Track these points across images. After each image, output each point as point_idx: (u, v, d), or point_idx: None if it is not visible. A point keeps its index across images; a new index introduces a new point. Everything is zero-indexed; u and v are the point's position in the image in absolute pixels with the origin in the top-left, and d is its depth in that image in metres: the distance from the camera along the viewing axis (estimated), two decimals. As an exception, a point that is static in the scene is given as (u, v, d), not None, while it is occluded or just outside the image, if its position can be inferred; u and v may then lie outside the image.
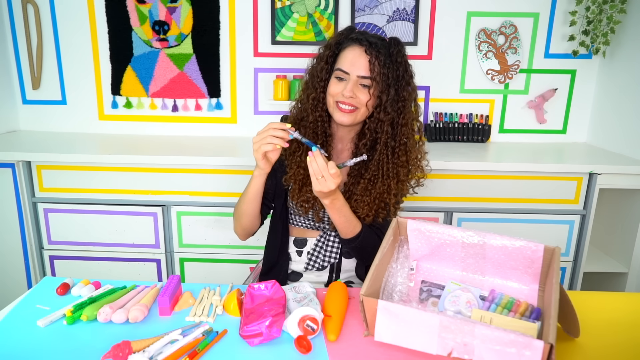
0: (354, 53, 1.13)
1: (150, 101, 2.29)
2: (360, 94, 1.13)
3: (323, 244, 1.28)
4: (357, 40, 1.13)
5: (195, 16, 2.19)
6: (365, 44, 1.12)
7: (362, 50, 1.12)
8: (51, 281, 1.07)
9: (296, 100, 1.25)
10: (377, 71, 1.11)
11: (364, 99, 1.13)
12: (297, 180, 1.20)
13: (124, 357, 0.80)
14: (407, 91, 1.14)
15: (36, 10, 2.18)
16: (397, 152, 1.16)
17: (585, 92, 2.28)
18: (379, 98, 1.13)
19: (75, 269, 2.00)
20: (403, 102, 1.14)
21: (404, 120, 1.15)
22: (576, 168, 1.88)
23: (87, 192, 1.93)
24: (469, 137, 2.27)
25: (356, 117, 1.16)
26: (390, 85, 1.12)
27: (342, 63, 1.14)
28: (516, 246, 0.93)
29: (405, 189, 1.22)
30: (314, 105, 1.18)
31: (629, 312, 1.02)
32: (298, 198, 1.20)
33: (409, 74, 1.15)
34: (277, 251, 1.30)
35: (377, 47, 1.12)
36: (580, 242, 1.95)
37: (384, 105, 1.13)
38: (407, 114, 1.15)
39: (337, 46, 1.17)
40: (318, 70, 1.17)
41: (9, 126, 2.28)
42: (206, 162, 1.88)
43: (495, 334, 0.75)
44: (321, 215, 1.24)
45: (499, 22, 2.20)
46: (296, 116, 1.23)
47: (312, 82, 1.18)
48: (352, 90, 1.12)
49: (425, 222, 1.00)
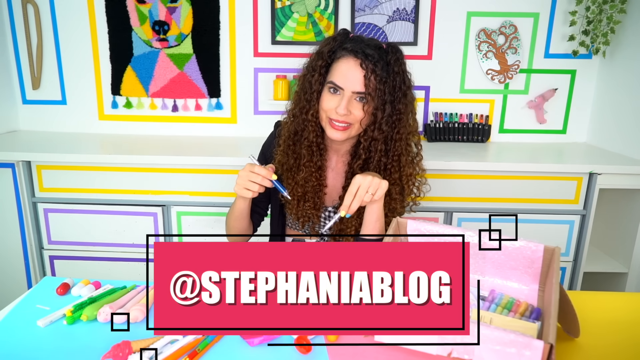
0: (348, 66, 1.06)
1: (150, 101, 2.29)
2: (355, 109, 1.08)
3: None
4: (352, 52, 1.07)
5: (195, 16, 2.19)
6: (360, 57, 1.05)
7: (357, 64, 1.05)
8: (51, 281, 1.07)
9: (289, 111, 1.20)
10: (372, 87, 1.05)
11: (359, 115, 1.08)
12: (295, 195, 1.17)
13: (124, 357, 0.80)
14: (403, 103, 1.08)
15: (36, 10, 2.18)
16: (389, 169, 1.12)
17: (585, 92, 2.27)
18: (374, 115, 1.08)
19: (75, 269, 1.99)
20: (398, 115, 1.08)
21: (399, 135, 1.10)
22: (576, 168, 1.88)
23: (87, 192, 1.93)
24: (469, 137, 2.27)
25: (350, 133, 1.11)
26: (386, 101, 1.06)
27: (335, 76, 1.08)
28: (516, 246, 0.93)
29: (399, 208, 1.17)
30: (306, 121, 1.13)
31: (629, 312, 1.02)
32: (296, 212, 1.19)
33: (406, 85, 1.09)
34: None
35: (374, 59, 1.05)
36: (580, 242, 1.95)
37: (378, 122, 1.07)
38: (402, 128, 1.10)
39: (330, 55, 1.10)
40: (311, 82, 1.11)
41: (9, 126, 2.28)
42: (206, 162, 1.88)
43: (495, 334, 0.75)
44: (317, 229, 1.22)
45: (499, 22, 2.20)
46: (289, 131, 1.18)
47: (305, 95, 1.12)
48: (347, 108, 1.06)
49: (425, 222, 1.00)
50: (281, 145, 1.19)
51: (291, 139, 1.17)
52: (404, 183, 1.14)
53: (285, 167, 1.19)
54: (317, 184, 1.17)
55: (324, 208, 1.22)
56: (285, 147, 1.18)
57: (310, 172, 1.15)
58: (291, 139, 1.17)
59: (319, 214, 1.21)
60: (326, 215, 1.24)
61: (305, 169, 1.15)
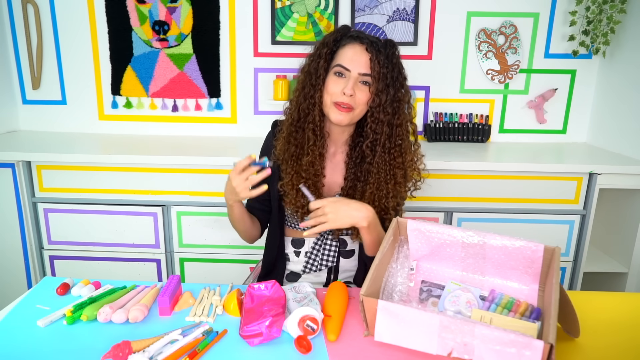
0: (355, 50, 1.12)
1: (150, 101, 2.29)
2: (360, 92, 1.12)
3: (320, 247, 1.27)
4: (357, 38, 1.13)
5: (195, 16, 2.19)
6: (366, 42, 1.12)
7: (363, 48, 1.11)
8: (51, 281, 1.07)
9: (291, 101, 1.22)
10: (377, 70, 1.10)
11: (363, 97, 1.12)
12: (293, 186, 1.18)
13: (124, 357, 0.80)
14: (401, 92, 1.14)
15: (36, 10, 2.18)
16: (393, 154, 1.15)
17: (585, 92, 2.27)
18: (378, 97, 1.12)
19: (75, 269, 1.99)
20: (398, 102, 1.14)
21: (399, 121, 1.14)
22: (576, 168, 1.88)
23: (87, 192, 1.93)
24: (469, 137, 2.27)
25: (353, 116, 1.15)
26: (389, 85, 1.11)
27: (342, 59, 1.13)
28: (516, 246, 0.93)
29: (404, 192, 1.20)
30: (312, 104, 1.15)
31: (629, 312, 1.02)
32: (295, 204, 1.19)
33: (402, 76, 1.15)
34: (276, 252, 1.30)
35: (377, 46, 1.12)
36: (580, 242, 1.95)
37: (383, 105, 1.12)
38: (402, 114, 1.15)
39: (335, 43, 1.15)
40: (317, 68, 1.15)
41: (9, 126, 2.28)
42: (206, 162, 1.88)
43: (495, 334, 0.76)
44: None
45: (499, 22, 2.20)
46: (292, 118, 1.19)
47: (310, 80, 1.15)
48: (352, 88, 1.11)
49: (425, 222, 1.00)
50: (284, 132, 1.20)
51: (294, 125, 1.18)
52: (406, 167, 1.18)
53: (286, 155, 1.19)
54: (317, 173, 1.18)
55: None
56: (288, 134, 1.19)
57: (315, 157, 1.17)
58: (294, 126, 1.18)
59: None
60: None
61: (311, 152, 1.16)
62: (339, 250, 1.27)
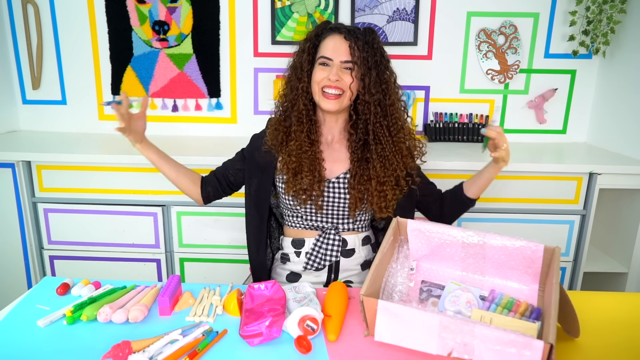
0: (335, 41, 1.20)
1: (150, 101, 2.29)
2: (344, 76, 1.19)
3: (322, 244, 1.27)
4: (336, 29, 1.21)
5: (195, 16, 2.19)
6: (344, 32, 1.19)
7: (342, 37, 1.19)
8: (51, 281, 1.07)
9: (280, 97, 1.29)
10: (357, 55, 1.17)
11: (348, 80, 1.19)
12: (289, 169, 1.22)
13: (124, 357, 0.80)
14: (386, 74, 1.21)
15: (36, 10, 2.18)
16: (392, 130, 1.22)
17: (585, 92, 2.27)
18: (362, 80, 1.18)
19: (75, 269, 2.00)
20: (386, 84, 1.20)
21: (390, 101, 1.21)
22: (576, 168, 1.88)
23: (87, 192, 1.93)
24: (469, 137, 2.27)
25: (342, 102, 1.20)
26: (370, 67, 1.18)
27: (324, 51, 1.20)
28: (516, 246, 0.93)
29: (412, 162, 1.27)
30: (297, 95, 1.22)
31: (629, 312, 1.02)
32: (294, 187, 1.21)
33: (386, 59, 1.22)
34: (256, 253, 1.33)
35: (355, 34, 1.19)
36: (580, 242, 1.95)
37: (367, 87, 1.18)
38: (392, 94, 1.22)
39: (317, 37, 1.23)
40: (301, 61, 1.22)
41: (9, 126, 2.28)
42: (206, 162, 1.87)
43: (495, 334, 0.75)
44: (320, 203, 1.24)
45: (499, 22, 2.20)
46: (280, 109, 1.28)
47: (296, 74, 1.23)
48: (337, 74, 1.18)
49: (425, 222, 1.00)
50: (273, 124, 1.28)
51: (282, 115, 1.27)
52: (408, 140, 1.25)
53: (275, 141, 1.25)
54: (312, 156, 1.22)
55: (327, 180, 1.25)
56: (276, 122, 1.27)
57: (302, 141, 1.22)
58: (282, 116, 1.27)
59: (322, 187, 1.23)
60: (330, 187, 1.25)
61: (294, 136, 1.22)
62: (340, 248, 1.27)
